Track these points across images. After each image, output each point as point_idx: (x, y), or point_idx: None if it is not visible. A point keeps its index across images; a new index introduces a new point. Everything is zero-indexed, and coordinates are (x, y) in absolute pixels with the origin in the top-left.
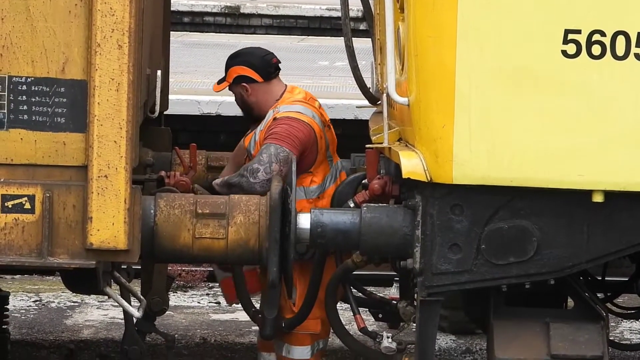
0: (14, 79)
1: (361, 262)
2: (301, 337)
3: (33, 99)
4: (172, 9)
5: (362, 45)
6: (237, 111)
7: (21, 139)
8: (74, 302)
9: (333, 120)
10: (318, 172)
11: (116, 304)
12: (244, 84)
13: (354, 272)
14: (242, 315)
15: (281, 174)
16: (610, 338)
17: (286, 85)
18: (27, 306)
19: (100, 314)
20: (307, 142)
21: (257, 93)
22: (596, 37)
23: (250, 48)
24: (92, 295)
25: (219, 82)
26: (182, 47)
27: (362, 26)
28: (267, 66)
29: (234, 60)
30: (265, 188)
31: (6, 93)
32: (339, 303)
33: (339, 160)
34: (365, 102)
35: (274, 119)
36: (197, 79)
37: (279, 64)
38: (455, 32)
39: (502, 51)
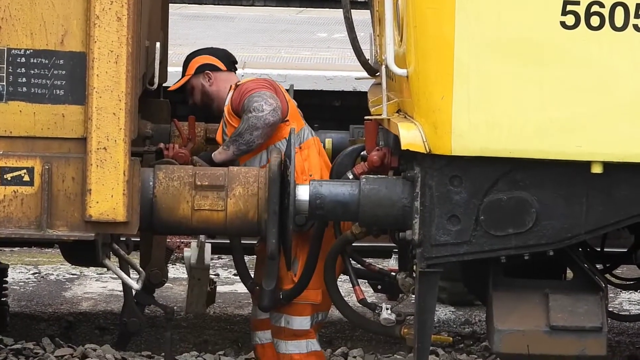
0: (13, 51)
1: (360, 233)
2: (301, 307)
3: (32, 71)
4: None
5: (360, 17)
6: None
7: (20, 111)
8: (72, 274)
9: (332, 92)
10: (293, 122)
11: (115, 276)
12: (208, 71)
13: (353, 244)
14: (241, 287)
15: (277, 105)
16: (609, 309)
17: None
18: (26, 278)
19: (99, 286)
20: (274, 88)
21: (219, 82)
22: (595, 8)
23: (206, 47)
24: (91, 268)
25: (175, 83)
26: (181, 19)
27: None
28: (229, 57)
29: (195, 53)
30: (276, 116)
31: (5, 65)
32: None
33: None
34: (364, 74)
35: (236, 86)
36: None
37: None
38: (454, 3)
39: (501, 22)
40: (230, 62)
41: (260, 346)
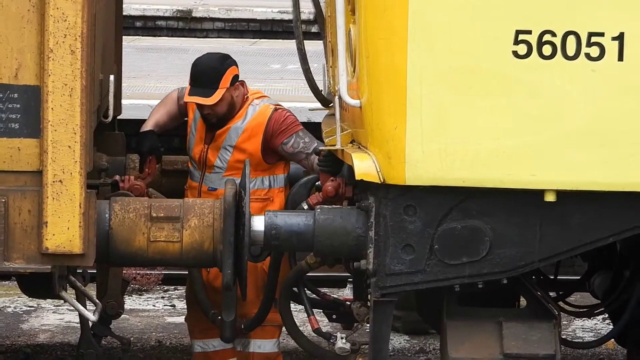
0: None
1: (315, 263)
2: (272, 330)
3: None
4: (124, 13)
5: (313, 47)
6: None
7: None
8: (30, 306)
9: None
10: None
11: (72, 308)
12: (237, 82)
13: (308, 274)
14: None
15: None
16: (563, 336)
17: None
18: None
19: (57, 318)
20: None
21: (241, 91)
22: (547, 37)
23: (213, 53)
24: (48, 300)
25: (205, 94)
26: (135, 51)
27: (314, 29)
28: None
29: (223, 64)
30: None
31: None
32: (292, 304)
33: None
34: (318, 105)
35: (275, 110)
36: (150, 83)
37: None
38: (406, 34)
39: (453, 52)
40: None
41: None
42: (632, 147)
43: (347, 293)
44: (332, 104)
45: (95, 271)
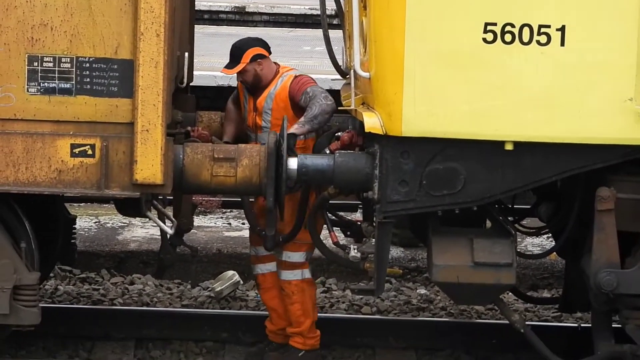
0: (80, 58)
1: (334, 193)
2: (298, 245)
3: (94, 74)
4: (195, 8)
5: (335, 35)
6: None
7: (85, 102)
8: (123, 223)
9: None
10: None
11: (155, 224)
12: (259, 60)
13: (329, 201)
14: (246, 233)
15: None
16: (518, 250)
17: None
18: (89, 226)
19: (143, 231)
20: None
21: (266, 66)
22: (508, 28)
23: (249, 37)
24: (137, 218)
25: (229, 66)
26: (203, 36)
27: (335, 21)
28: (268, 46)
29: (247, 45)
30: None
31: (74, 69)
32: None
33: None
34: (338, 76)
35: (295, 77)
36: (214, 60)
37: None
38: (404, 25)
39: (438, 39)
40: (269, 50)
41: (262, 275)
42: (569, 110)
43: (358, 216)
44: (348, 76)
45: (172, 197)
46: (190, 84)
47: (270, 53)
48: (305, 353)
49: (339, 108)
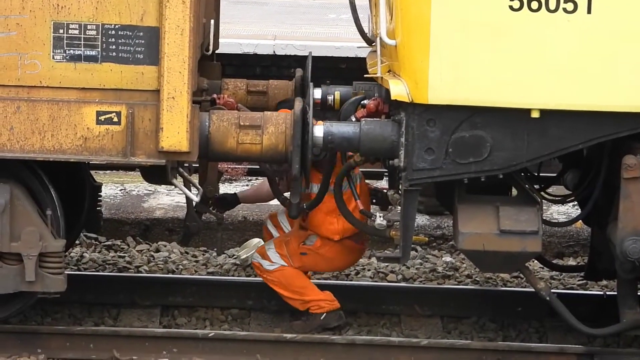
0: (106, 26)
1: (360, 161)
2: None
3: (119, 41)
4: None
5: (361, 2)
6: (269, 50)
7: (111, 70)
8: (149, 190)
9: (339, 58)
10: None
11: (180, 192)
12: None
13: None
14: (272, 201)
15: None
16: (544, 218)
17: None
18: (115, 193)
19: (169, 199)
20: None
21: None
22: None
23: None
24: (163, 185)
25: None
26: (229, 3)
27: None
28: None
29: None
30: None
31: (100, 36)
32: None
33: None
34: (364, 44)
35: None
36: (239, 27)
37: None
38: None
39: (465, 6)
40: None
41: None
42: (595, 78)
43: (383, 184)
44: (374, 43)
45: (197, 165)
46: (216, 52)
47: None
48: (326, 315)
49: (365, 76)
